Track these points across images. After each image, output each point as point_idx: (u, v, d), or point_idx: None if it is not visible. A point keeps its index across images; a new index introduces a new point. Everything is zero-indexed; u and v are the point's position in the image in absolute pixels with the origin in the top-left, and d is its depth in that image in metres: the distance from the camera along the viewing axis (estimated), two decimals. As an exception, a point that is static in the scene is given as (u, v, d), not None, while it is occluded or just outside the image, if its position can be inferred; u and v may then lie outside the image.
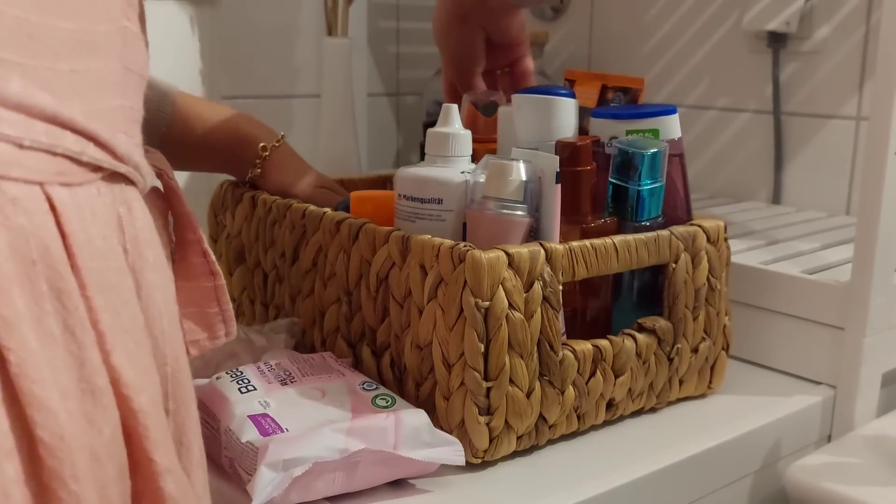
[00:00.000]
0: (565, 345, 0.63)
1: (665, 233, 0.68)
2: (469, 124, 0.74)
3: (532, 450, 0.64)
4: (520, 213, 0.62)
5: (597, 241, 0.64)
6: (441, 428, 0.60)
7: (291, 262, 0.75)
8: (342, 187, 0.82)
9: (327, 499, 0.56)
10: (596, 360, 0.65)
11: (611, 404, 0.67)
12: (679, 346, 0.70)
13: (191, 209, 0.45)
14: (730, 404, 0.75)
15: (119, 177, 0.34)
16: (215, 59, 1.06)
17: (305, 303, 0.74)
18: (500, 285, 0.58)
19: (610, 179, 0.69)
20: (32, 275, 0.29)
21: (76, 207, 0.31)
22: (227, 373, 0.63)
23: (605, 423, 0.69)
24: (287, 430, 0.56)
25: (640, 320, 0.69)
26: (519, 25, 0.84)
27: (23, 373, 0.28)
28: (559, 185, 0.62)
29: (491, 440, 0.60)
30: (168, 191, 0.43)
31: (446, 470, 0.59)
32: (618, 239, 0.65)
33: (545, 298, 0.60)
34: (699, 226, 0.71)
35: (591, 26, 1.30)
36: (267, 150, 0.78)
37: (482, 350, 0.58)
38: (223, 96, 1.13)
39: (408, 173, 0.67)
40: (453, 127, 0.67)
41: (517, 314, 0.59)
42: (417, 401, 0.63)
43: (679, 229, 0.70)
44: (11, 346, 0.28)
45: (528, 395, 0.60)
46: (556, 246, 0.61)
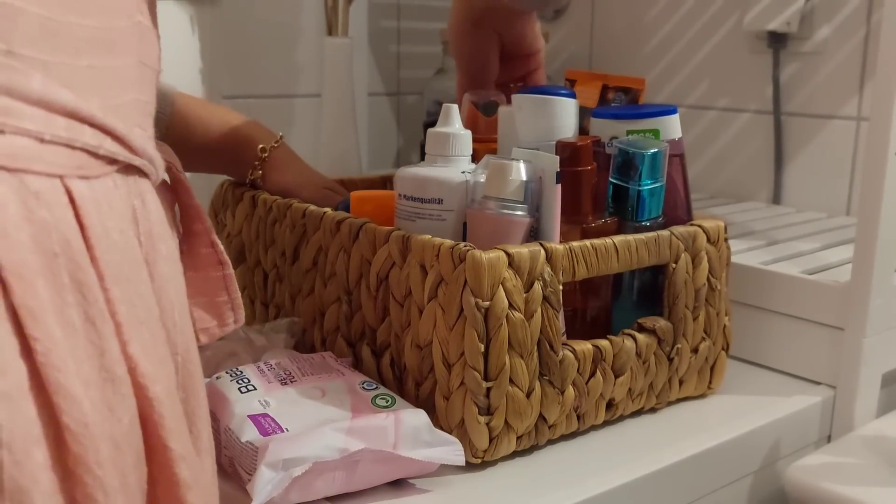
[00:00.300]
0: (565, 345, 0.63)
1: (665, 233, 0.68)
2: (469, 124, 0.74)
3: (532, 450, 0.64)
4: (520, 213, 0.62)
5: (597, 242, 0.64)
6: (441, 428, 0.60)
7: (292, 261, 0.75)
8: (342, 187, 0.82)
9: (327, 498, 0.56)
10: (596, 360, 0.65)
11: (611, 404, 0.68)
12: (679, 346, 0.70)
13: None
14: (730, 404, 0.75)
15: (133, 169, 0.35)
16: (216, 59, 1.06)
17: (305, 302, 0.74)
18: (501, 285, 0.58)
19: (610, 179, 0.69)
20: (55, 267, 0.30)
21: (94, 201, 0.32)
22: (227, 372, 0.63)
23: (605, 423, 0.69)
24: (287, 430, 0.56)
25: (640, 320, 0.69)
26: (532, 34, 0.83)
27: (49, 362, 0.29)
28: (559, 185, 0.62)
29: (491, 440, 0.60)
30: (175, 183, 0.44)
31: (446, 470, 0.59)
32: (618, 239, 0.65)
33: (545, 298, 0.60)
34: (699, 226, 0.71)
35: (591, 26, 1.30)
36: (266, 151, 0.78)
37: (482, 350, 0.58)
38: (223, 96, 1.13)
39: (408, 173, 0.67)
40: (454, 127, 0.67)
41: (517, 314, 0.59)
42: (417, 400, 0.63)
43: (679, 229, 0.70)
44: (38, 336, 0.29)
45: (528, 395, 0.60)
46: (557, 246, 0.61)
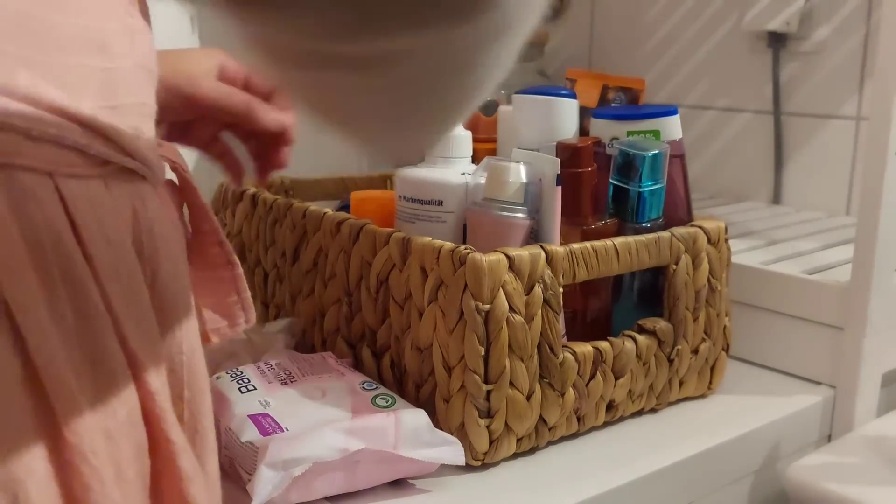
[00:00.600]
0: (565, 347, 0.63)
1: (666, 234, 0.68)
2: (469, 125, 0.74)
3: (532, 450, 0.64)
4: (520, 215, 0.62)
5: (597, 243, 0.64)
6: (441, 430, 0.60)
7: (292, 261, 0.75)
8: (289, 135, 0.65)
9: (327, 498, 0.56)
10: (596, 362, 0.64)
11: (611, 406, 0.67)
12: (679, 347, 0.70)
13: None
14: (730, 404, 0.75)
15: (131, 171, 0.35)
16: (216, 59, 1.05)
17: (306, 303, 0.74)
18: (501, 288, 0.58)
19: (611, 181, 0.69)
20: (45, 261, 0.30)
21: (87, 199, 0.32)
22: (227, 372, 0.63)
23: (606, 424, 0.69)
24: (287, 430, 0.56)
25: (640, 322, 0.69)
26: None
27: (41, 354, 0.29)
28: (560, 187, 0.62)
29: (491, 443, 0.60)
30: (183, 183, 0.44)
31: (446, 470, 0.59)
32: (618, 241, 0.65)
33: (546, 301, 0.60)
34: (700, 227, 0.71)
35: (591, 26, 1.30)
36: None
37: (482, 353, 0.58)
38: (223, 95, 1.12)
39: (408, 174, 0.67)
40: (454, 128, 0.67)
41: (518, 317, 0.59)
42: (417, 403, 0.63)
43: (680, 230, 0.69)
44: (30, 329, 0.29)
45: (529, 398, 0.60)
46: (557, 248, 0.61)
